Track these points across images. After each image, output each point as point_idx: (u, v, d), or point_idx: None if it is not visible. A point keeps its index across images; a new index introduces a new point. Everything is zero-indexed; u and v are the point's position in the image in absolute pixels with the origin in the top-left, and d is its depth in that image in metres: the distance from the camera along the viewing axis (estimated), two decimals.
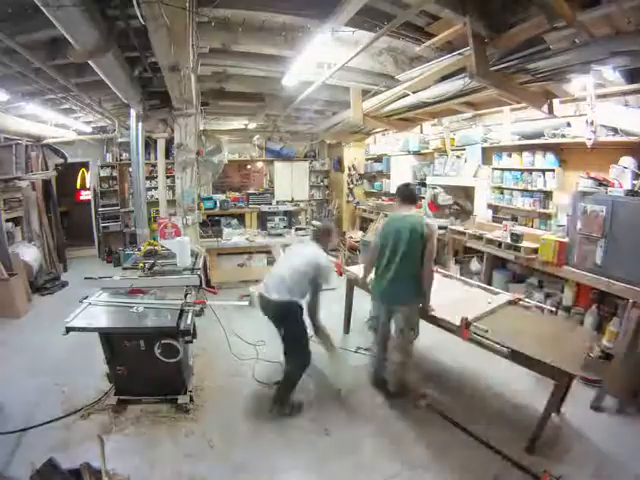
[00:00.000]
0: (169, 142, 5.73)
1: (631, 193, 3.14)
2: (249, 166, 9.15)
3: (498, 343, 2.48)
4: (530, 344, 2.46)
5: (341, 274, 4.03)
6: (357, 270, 3.86)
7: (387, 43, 3.42)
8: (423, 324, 3.17)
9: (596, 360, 3.22)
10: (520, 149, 4.60)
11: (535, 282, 4.21)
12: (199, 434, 2.62)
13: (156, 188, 7.01)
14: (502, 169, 4.88)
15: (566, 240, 3.58)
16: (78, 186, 8.04)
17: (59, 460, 1.81)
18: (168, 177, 6.90)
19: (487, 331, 2.58)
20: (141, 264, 3.40)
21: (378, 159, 8.05)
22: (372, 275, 3.11)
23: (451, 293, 3.35)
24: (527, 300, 3.22)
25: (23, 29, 2.64)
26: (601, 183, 3.35)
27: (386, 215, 5.07)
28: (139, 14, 2.10)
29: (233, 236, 5.62)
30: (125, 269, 3.47)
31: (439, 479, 2.30)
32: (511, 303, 3.09)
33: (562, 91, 3.44)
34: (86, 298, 2.87)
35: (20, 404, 2.86)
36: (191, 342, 2.66)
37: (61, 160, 6.49)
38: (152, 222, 6.38)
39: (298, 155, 9.18)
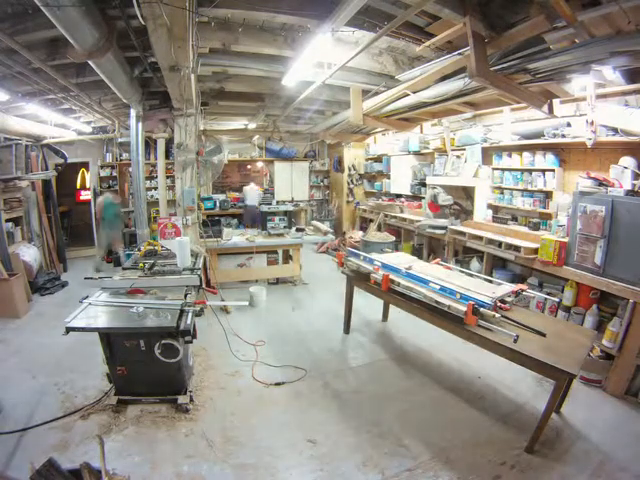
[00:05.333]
0: (169, 142, 5.74)
1: (631, 193, 3.14)
2: (249, 166, 9.15)
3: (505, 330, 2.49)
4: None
5: (342, 265, 4.05)
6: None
7: (387, 43, 3.43)
8: (422, 323, 3.18)
9: (596, 360, 3.22)
10: (520, 149, 4.60)
11: (535, 282, 4.21)
12: (199, 434, 2.62)
13: (156, 188, 7.03)
14: (502, 169, 4.88)
15: (566, 240, 3.58)
16: (78, 186, 8.05)
17: (59, 460, 1.81)
18: (168, 177, 6.91)
19: (494, 316, 2.59)
20: (141, 264, 3.40)
21: (378, 159, 8.06)
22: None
23: (454, 282, 3.27)
24: (530, 291, 3.22)
25: (23, 29, 2.64)
26: (601, 183, 3.35)
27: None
28: (139, 14, 2.10)
29: (233, 236, 5.62)
30: (125, 269, 3.46)
31: (439, 478, 2.30)
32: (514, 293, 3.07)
33: (562, 91, 3.44)
34: (86, 298, 2.87)
35: (20, 404, 2.86)
36: (191, 342, 2.66)
37: (61, 160, 6.49)
38: (152, 222, 6.39)
39: (298, 155, 9.18)
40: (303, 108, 5.83)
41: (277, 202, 8.19)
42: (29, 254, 5.33)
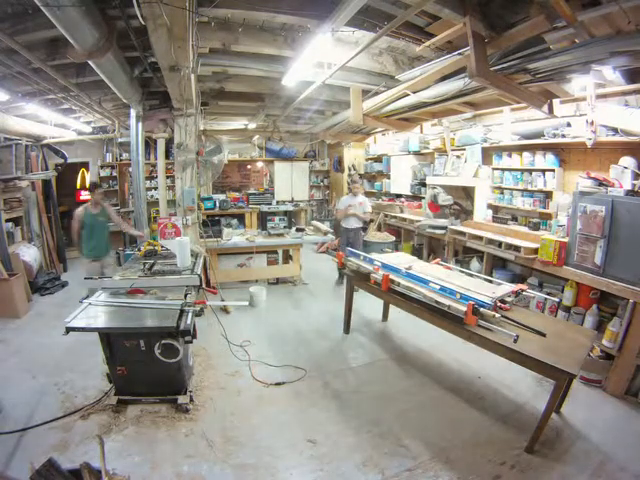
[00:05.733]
0: (169, 142, 5.73)
1: (631, 193, 3.14)
2: (249, 166, 9.15)
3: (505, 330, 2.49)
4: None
5: (342, 266, 4.05)
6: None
7: (387, 43, 3.43)
8: (422, 323, 3.18)
9: (596, 360, 3.22)
10: (520, 149, 4.60)
11: (535, 282, 4.21)
12: (199, 434, 2.62)
13: (156, 188, 7.03)
14: (502, 169, 4.88)
15: (566, 240, 3.58)
16: (78, 186, 8.04)
17: (59, 460, 1.81)
18: (168, 177, 6.91)
19: (494, 316, 2.59)
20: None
21: (378, 159, 8.06)
22: None
23: (454, 282, 3.23)
24: (530, 291, 3.22)
25: (23, 29, 2.64)
26: (601, 183, 3.35)
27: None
28: (139, 14, 2.10)
29: (233, 236, 5.62)
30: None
31: (439, 478, 2.30)
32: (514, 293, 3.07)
33: (562, 91, 3.44)
34: (86, 298, 2.87)
35: (20, 404, 2.86)
36: (191, 342, 2.66)
37: (61, 160, 6.49)
38: (152, 222, 6.39)
39: (298, 155, 9.18)
40: (303, 108, 5.84)
41: (277, 202, 8.22)
42: (29, 254, 5.33)
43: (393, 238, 6.43)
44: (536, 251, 3.89)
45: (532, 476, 2.30)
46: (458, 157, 5.51)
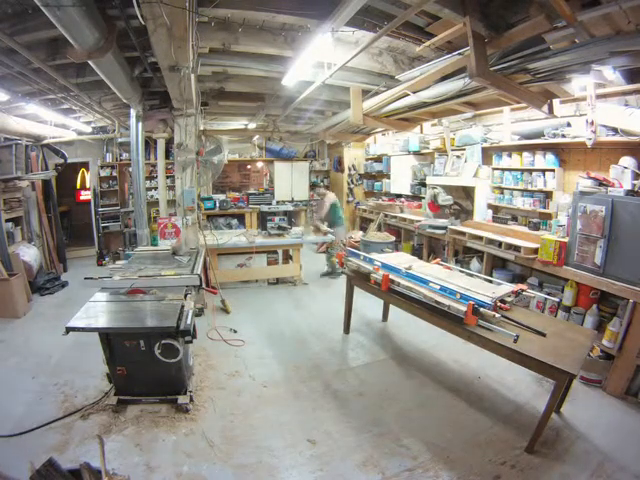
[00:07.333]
0: (169, 142, 5.74)
1: (631, 193, 3.14)
2: (249, 166, 9.15)
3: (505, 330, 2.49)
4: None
5: (342, 265, 4.06)
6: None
7: (387, 43, 3.43)
8: (422, 323, 3.18)
9: (596, 360, 3.22)
10: (520, 149, 4.60)
11: (535, 282, 4.21)
12: (199, 434, 2.62)
13: (156, 188, 7.03)
14: (502, 169, 4.89)
15: (566, 240, 3.58)
16: (78, 186, 8.05)
17: (59, 460, 1.80)
18: (168, 177, 6.91)
19: (494, 316, 2.59)
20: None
21: (378, 159, 8.05)
22: None
23: (454, 282, 3.24)
24: (530, 291, 3.22)
25: (23, 29, 2.64)
26: (601, 183, 3.35)
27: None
28: (139, 14, 2.10)
29: (233, 236, 5.62)
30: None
31: (439, 478, 2.30)
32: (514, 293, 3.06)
33: (562, 91, 3.44)
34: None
35: (20, 404, 2.86)
36: (191, 342, 2.66)
37: (61, 160, 6.49)
38: (152, 222, 6.39)
39: (298, 155, 9.18)
40: (303, 108, 5.83)
41: (277, 202, 8.22)
42: (29, 254, 5.33)
43: (393, 238, 6.42)
44: (536, 251, 3.89)
45: (532, 476, 2.30)
46: (458, 157, 5.51)
